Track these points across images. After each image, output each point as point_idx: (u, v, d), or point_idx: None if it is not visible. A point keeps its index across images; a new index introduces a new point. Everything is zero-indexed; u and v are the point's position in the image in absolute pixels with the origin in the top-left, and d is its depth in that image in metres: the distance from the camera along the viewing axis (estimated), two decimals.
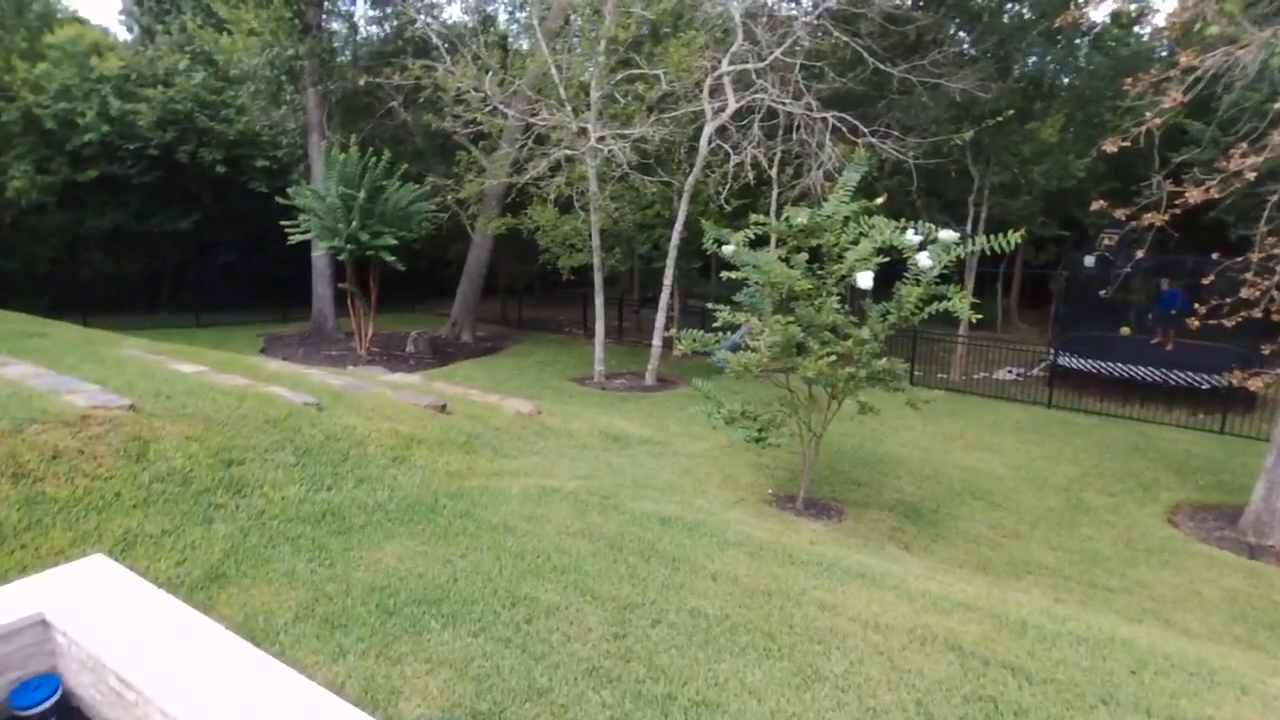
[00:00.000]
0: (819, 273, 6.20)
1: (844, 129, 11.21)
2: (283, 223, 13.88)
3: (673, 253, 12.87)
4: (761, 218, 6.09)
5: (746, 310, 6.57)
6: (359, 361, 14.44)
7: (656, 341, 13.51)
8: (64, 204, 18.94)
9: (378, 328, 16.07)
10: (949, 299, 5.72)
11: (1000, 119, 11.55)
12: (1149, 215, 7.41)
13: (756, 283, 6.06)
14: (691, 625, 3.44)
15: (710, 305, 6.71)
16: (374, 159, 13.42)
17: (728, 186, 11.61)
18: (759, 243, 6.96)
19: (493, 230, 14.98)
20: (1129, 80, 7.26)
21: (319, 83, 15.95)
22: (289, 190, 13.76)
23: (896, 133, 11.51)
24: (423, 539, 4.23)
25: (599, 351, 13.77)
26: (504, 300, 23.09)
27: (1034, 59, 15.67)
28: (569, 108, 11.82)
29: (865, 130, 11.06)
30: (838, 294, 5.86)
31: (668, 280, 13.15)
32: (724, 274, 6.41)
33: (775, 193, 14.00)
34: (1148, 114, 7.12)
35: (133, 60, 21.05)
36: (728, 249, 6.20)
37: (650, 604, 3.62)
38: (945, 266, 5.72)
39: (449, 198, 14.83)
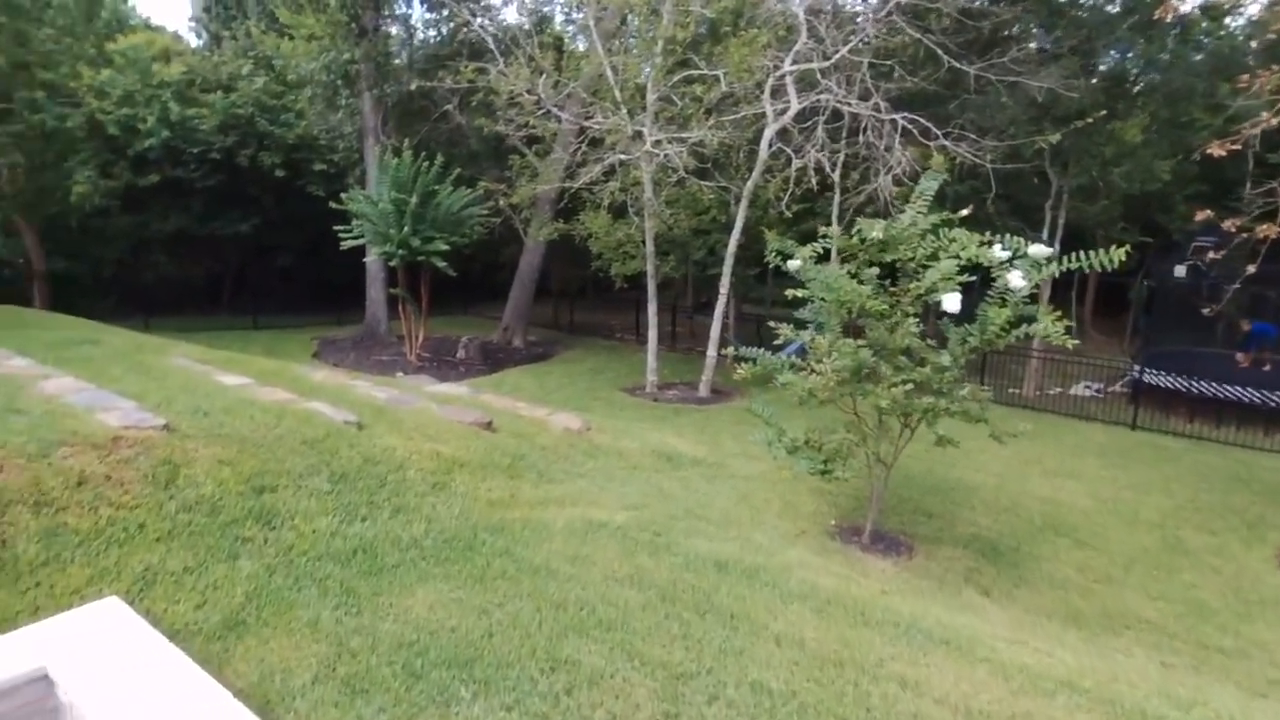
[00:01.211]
0: (892, 291, 5.71)
1: (914, 131, 10.60)
2: (336, 228, 13.90)
3: (729, 260, 12.43)
4: (830, 230, 5.62)
5: (811, 329, 6.11)
6: (409, 368, 14.37)
7: (711, 352, 13.08)
8: (129, 207, 19.47)
9: (429, 332, 16.02)
10: (1039, 321, 5.17)
11: (1090, 120, 10.78)
12: (1263, 227, 6.69)
13: (822, 300, 5.59)
14: (754, 704, 3.03)
15: (773, 324, 6.27)
16: (426, 163, 13.32)
17: (789, 192, 11.11)
18: (823, 255, 6.50)
19: (545, 236, 14.77)
20: (1243, 78, 6.55)
21: (374, 87, 15.98)
22: (342, 195, 13.76)
23: (972, 135, 10.84)
24: (458, 582, 3.92)
25: (651, 361, 13.41)
26: (556, 304, 22.92)
27: (1119, 55, 14.76)
28: (624, 110, 11.48)
29: (938, 132, 10.42)
30: (914, 315, 5.36)
31: (724, 288, 12.72)
32: (789, 292, 5.97)
33: (838, 198, 13.45)
34: (1264, 114, 6.41)
35: (198, 65, 21.55)
36: (793, 264, 5.76)
37: (706, 673, 3.22)
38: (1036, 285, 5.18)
39: (501, 202, 14.66)
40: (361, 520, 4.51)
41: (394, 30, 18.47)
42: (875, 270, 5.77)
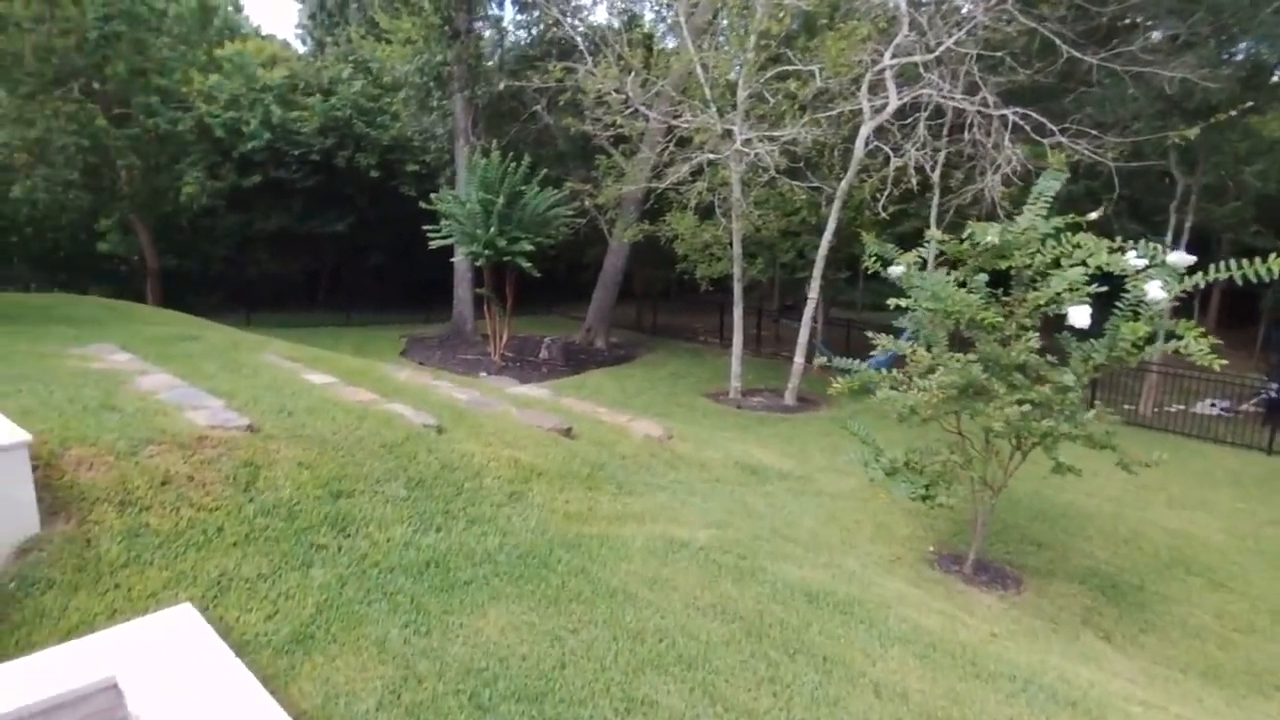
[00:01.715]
0: (1004, 301, 5.23)
1: (1026, 127, 9.86)
2: (425, 228, 14.13)
3: (819, 262, 11.95)
4: (939, 235, 5.18)
5: (911, 340, 5.68)
6: (492, 368, 14.48)
7: (798, 358, 12.63)
8: (234, 207, 20.45)
9: (513, 332, 16.13)
10: (1180, 337, 4.60)
11: (1233, 113, 9.80)
12: None
13: (927, 310, 5.16)
14: None
15: (869, 333, 5.87)
16: (514, 164, 13.37)
17: (886, 192, 10.56)
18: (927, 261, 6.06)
19: (630, 238, 14.62)
20: None
21: (465, 88, 16.20)
22: (431, 195, 13.98)
23: (1093, 131, 10.00)
24: (531, 603, 3.73)
25: (736, 366, 13.05)
26: (639, 306, 22.81)
27: (1258, 43, 13.44)
28: (714, 108, 11.17)
29: (1053, 128, 9.66)
30: (1032, 327, 4.87)
31: (813, 293, 12.25)
32: (891, 302, 5.55)
33: (937, 199, 12.76)
34: None
35: (300, 70, 22.48)
36: (895, 270, 5.35)
37: None
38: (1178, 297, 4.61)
39: (587, 203, 14.60)
40: (436, 530, 4.39)
41: (486, 32, 18.73)
42: (983, 278, 5.30)
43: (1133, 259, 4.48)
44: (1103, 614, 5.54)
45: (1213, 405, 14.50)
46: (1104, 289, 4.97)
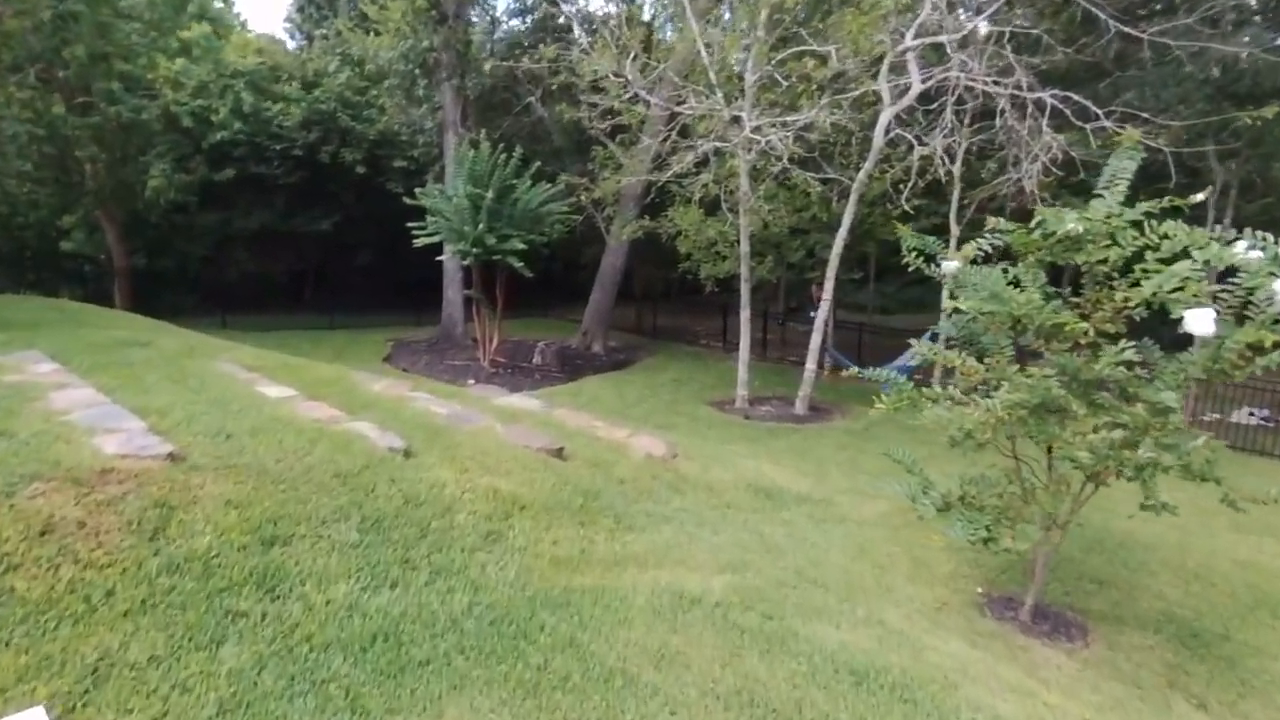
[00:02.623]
0: (1074, 302, 4.43)
1: (1066, 111, 9.05)
2: (410, 224, 13.33)
3: (834, 261, 11.15)
4: (1003, 224, 4.37)
5: (959, 348, 4.88)
6: (481, 374, 13.68)
7: (810, 364, 11.84)
8: (213, 204, 19.66)
9: (505, 335, 15.33)
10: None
11: None
12: None
13: (988, 314, 4.36)
14: None
15: (911, 342, 5.07)
16: (504, 156, 12.57)
17: (910, 184, 9.76)
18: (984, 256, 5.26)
19: (629, 234, 13.81)
20: None
21: (453, 75, 15.39)
22: (417, 190, 13.18)
23: (1145, 114, 9.19)
24: (503, 693, 2.93)
25: (742, 373, 12.26)
26: (639, 307, 22.01)
27: None
28: (719, 94, 10.37)
29: (1098, 111, 8.86)
30: (1116, 335, 4.07)
31: (827, 293, 11.44)
32: (949, 305, 4.75)
33: (956, 193, 11.99)
34: None
35: (286, 63, 21.69)
36: (949, 266, 4.54)
37: None
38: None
39: (583, 197, 13.80)
40: (391, 587, 3.59)
41: (475, 18, 17.94)
42: (1042, 277, 4.51)
43: (1249, 252, 3.68)
44: (1190, 672, 4.74)
45: (1251, 414, 13.70)
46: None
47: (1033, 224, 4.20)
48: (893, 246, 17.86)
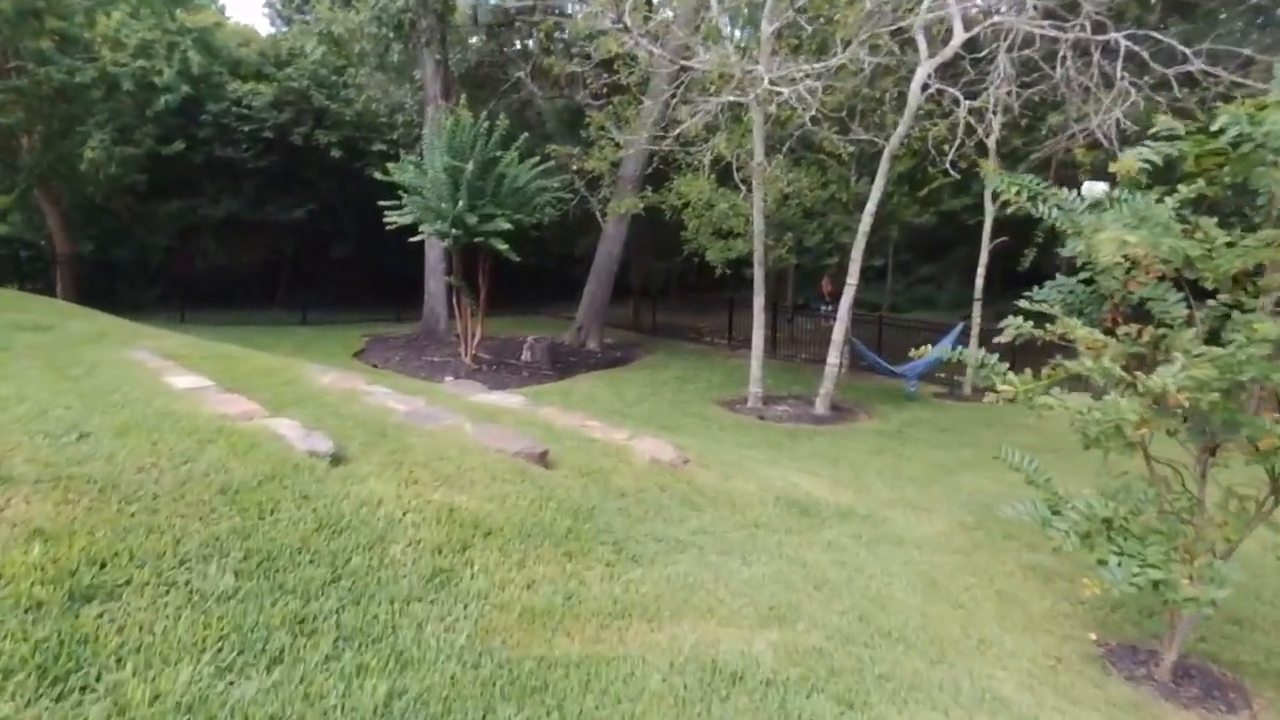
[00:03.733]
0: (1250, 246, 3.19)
1: (1143, 54, 7.82)
2: (381, 203, 12.09)
3: (860, 242, 9.92)
4: (1170, 123, 3.13)
5: (1088, 317, 3.66)
6: (461, 371, 12.43)
7: (832, 358, 10.61)
8: (176, 189, 18.40)
9: (488, 331, 14.09)
10: None
11: None
12: None
13: (1151, 259, 3.10)
14: None
15: (1026, 302, 3.86)
16: (487, 125, 11.33)
17: (957, 144, 8.54)
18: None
19: (628, 209, 12.50)
20: None
21: (430, 41, 14.11)
22: (389, 165, 11.93)
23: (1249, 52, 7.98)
24: None
25: (755, 369, 11.02)
26: (636, 303, 20.78)
27: None
28: (730, 46, 9.09)
29: (1186, 52, 7.64)
30: None
31: (853, 278, 10.22)
32: (1081, 265, 3.53)
33: (993, 154, 10.77)
34: None
35: (261, 44, 20.51)
36: (1095, 188, 3.30)
37: None
38: None
39: (576, 169, 12.53)
40: (268, 667, 2.34)
41: None
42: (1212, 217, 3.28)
43: None
44: None
45: None
46: None
47: (1215, 126, 2.96)
48: (913, 232, 16.78)
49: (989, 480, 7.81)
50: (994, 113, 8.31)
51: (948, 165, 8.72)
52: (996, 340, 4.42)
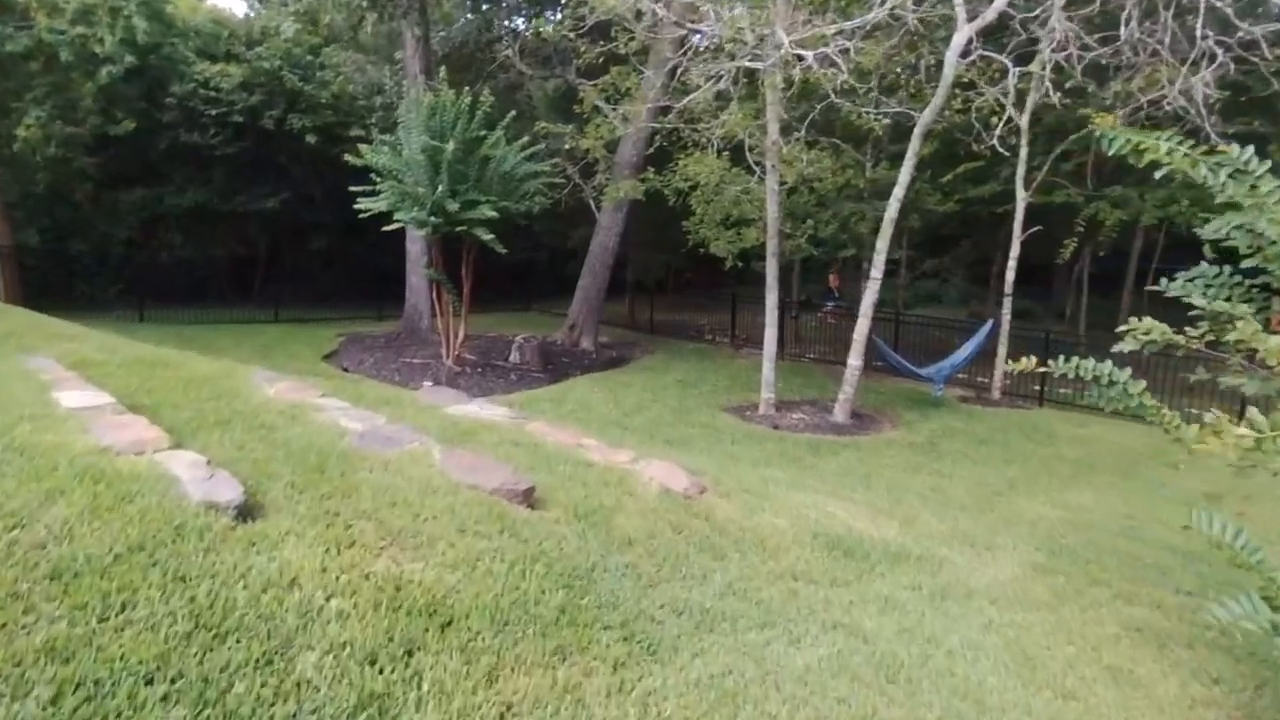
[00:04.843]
0: None
1: (1229, 11, 6.85)
2: (352, 188, 11.06)
3: (887, 230, 8.97)
4: None
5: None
6: (442, 374, 11.42)
7: (854, 360, 9.65)
8: (142, 178, 17.27)
9: (473, 329, 13.12)
10: None
11: None
12: None
13: None
14: None
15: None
16: (470, 101, 10.31)
17: (1003, 119, 7.57)
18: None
19: (627, 193, 11.47)
20: None
21: (410, 11, 13.03)
22: (361, 147, 10.89)
23: None
24: None
25: (768, 373, 10.06)
26: (633, 298, 19.79)
27: None
28: (744, 4, 8.06)
29: None
30: None
31: (877, 270, 9.27)
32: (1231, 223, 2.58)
33: (1025, 142, 9.82)
34: None
35: (233, 25, 19.41)
36: None
37: None
38: None
39: (569, 147, 11.50)
40: None
41: None
42: None
43: None
44: None
45: None
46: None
47: None
48: (936, 220, 15.79)
49: (1047, 505, 6.89)
50: (1047, 81, 7.35)
51: (994, 142, 7.79)
52: (1116, 350, 3.46)
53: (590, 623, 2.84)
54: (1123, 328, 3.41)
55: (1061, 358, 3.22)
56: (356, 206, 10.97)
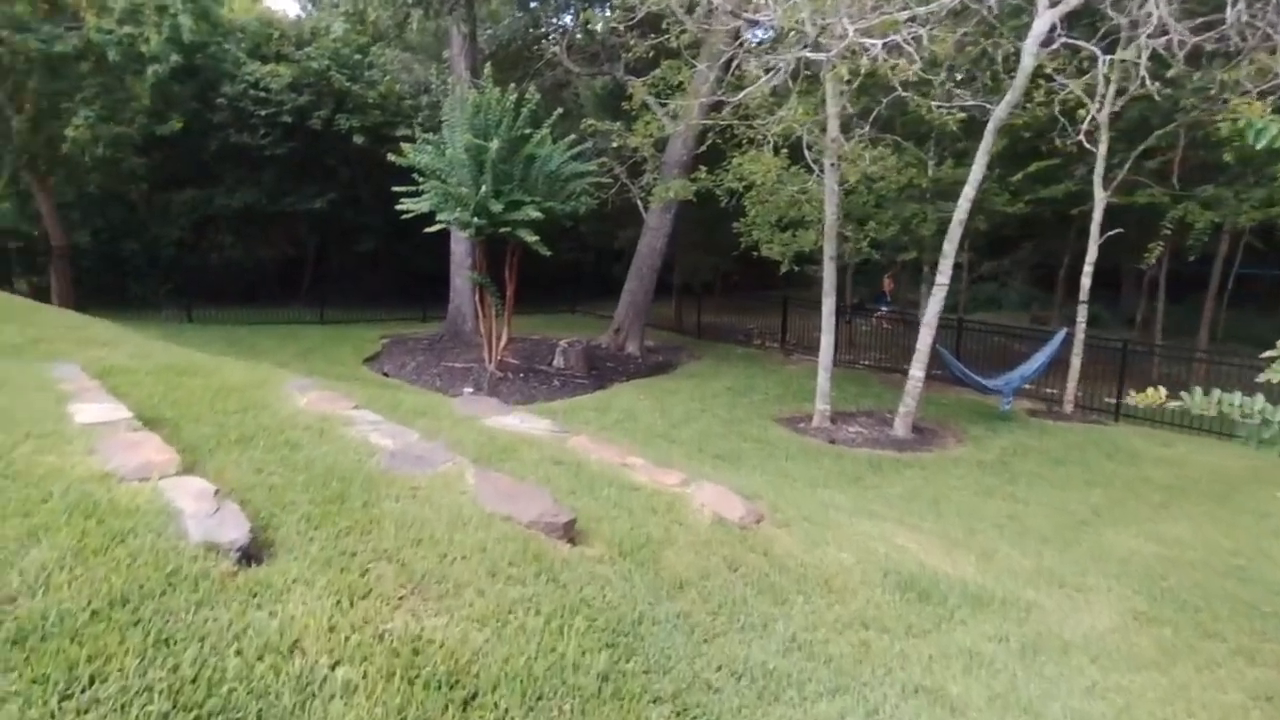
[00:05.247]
0: None
1: None
2: (395, 189, 10.86)
3: (955, 232, 8.40)
4: None
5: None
6: (483, 380, 11.16)
7: (916, 371, 9.11)
8: (195, 178, 17.44)
9: (518, 331, 12.82)
10: None
11: None
12: None
13: None
14: None
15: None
16: (515, 98, 10.02)
17: (1090, 112, 6.95)
18: None
19: (677, 194, 11.04)
20: None
21: (455, 8, 12.79)
22: (404, 146, 10.69)
23: None
24: None
25: (823, 382, 9.56)
26: (679, 301, 19.37)
27: None
28: None
29: None
30: None
31: (943, 276, 8.70)
32: None
33: (1105, 140, 9.15)
34: None
35: (284, 27, 19.55)
36: None
37: None
38: None
39: (616, 145, 11.14)
40: None
41: None
42: None
43: None
44: None
45: None
46: None
47: None
48: (998, 221, 15.08)
49: (1138, 537, 6.28)
50: (1143, 70, 6.73)
51: (1081, 137, 7.18)
52: (1263, 379, 2.96)
53: (638, 694, 2.46)
54: (1269, 353, 2.92)
55: (1198, 390, 2.73)
56: (399, 207, 10.77)
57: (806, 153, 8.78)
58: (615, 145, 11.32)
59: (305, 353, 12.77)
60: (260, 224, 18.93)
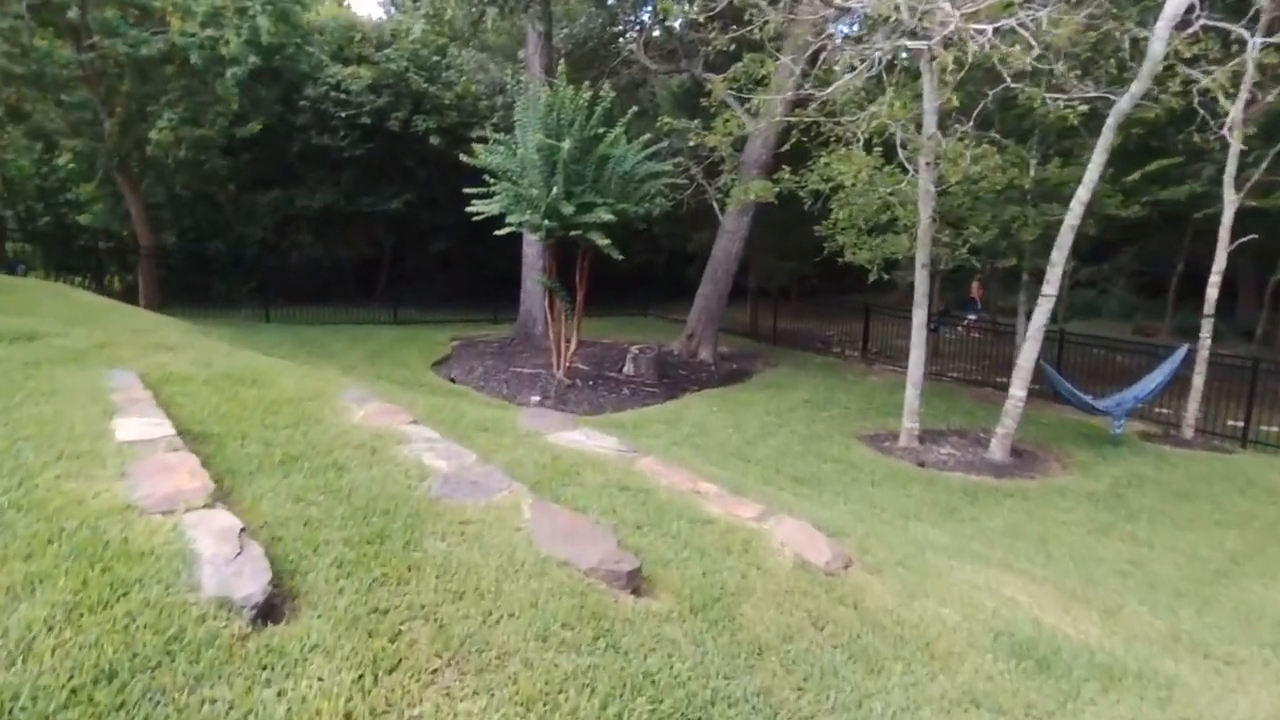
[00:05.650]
0: None
1: None
2: (466, 190, 10.69)
3: (1067, 238, 7.66)
4: None
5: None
6: (551, 387, 10.88)
7: (1017, 390, 8.38)
8: (278, 179, 17.82)
9: (588, 335, 12.54)
10: None
11: None
12: None
13: None
14: None
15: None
16: (589, 96, 9.71)
17: (1237, 104, 6.16)
18: None
19: (758, 195, 10.54)
20: None
21: (531, 6, 12.59)
22: (475, 146, 10.51)
23: None
24: None
25: (912, 398, 8.92)
26: (754, 306, 18.79)
27: None
28: None
29: None
30: None
31: (1050, 287, 7.96)
32: None
33: (1237, 136, 8.22)
34: None
35: (365, 29, 19.86)
36: None
37: None
38: None
39: (692, 144, 10.71)
40: None
41: None
42: None
43: None
44: None
45: None
46: None
47: None
48: (1105, 225, 14.04)
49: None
50: None
51: (1226, 132, 6.38)
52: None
53: None
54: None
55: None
56: (469, 209, 10.60)
57: (900, 151, 8.16)
58: (691, 144, 10.91)
59: (373, 355, 12.76)
60: (339, 224, 19.25)
